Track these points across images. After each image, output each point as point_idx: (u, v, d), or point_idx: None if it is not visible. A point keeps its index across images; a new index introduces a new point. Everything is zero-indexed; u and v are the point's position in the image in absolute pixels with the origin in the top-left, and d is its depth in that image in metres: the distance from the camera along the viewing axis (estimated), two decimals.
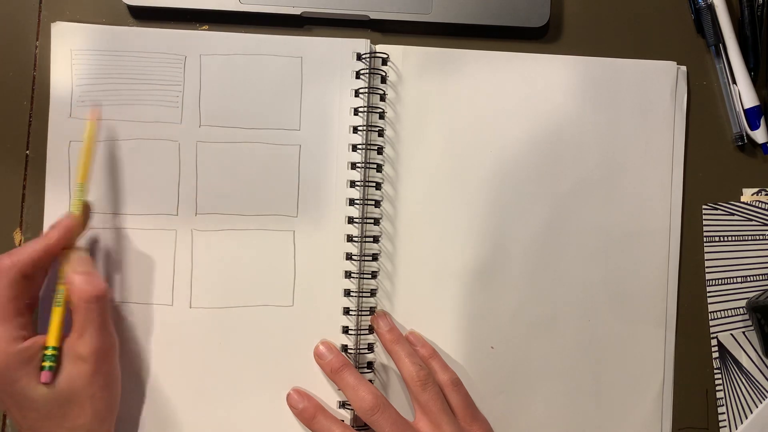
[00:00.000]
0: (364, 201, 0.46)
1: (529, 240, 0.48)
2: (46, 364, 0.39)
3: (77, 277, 0.40)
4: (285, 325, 0.46)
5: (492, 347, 0.47)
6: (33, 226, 0.46)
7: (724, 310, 0.49)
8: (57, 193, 0.46)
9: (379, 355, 0.47)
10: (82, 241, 0.44)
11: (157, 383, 0.45)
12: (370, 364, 0.46)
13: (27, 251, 0.40)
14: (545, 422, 0.47)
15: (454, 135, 0.48)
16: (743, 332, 0.49)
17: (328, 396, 0.46)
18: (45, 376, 0.38)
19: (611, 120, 0.49)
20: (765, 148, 0.49)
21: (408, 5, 0.48)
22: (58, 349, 0.39)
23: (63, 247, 0.41)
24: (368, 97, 0.47)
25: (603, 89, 0.49)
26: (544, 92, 0.48)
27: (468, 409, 0.45)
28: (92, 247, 0.46)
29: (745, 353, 0.49)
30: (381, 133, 0.47)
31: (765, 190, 0.50)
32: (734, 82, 0.49)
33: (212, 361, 0.46)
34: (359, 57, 0.47)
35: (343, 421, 0.44)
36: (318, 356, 0.45)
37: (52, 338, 0.39)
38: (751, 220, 0.49)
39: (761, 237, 0.49)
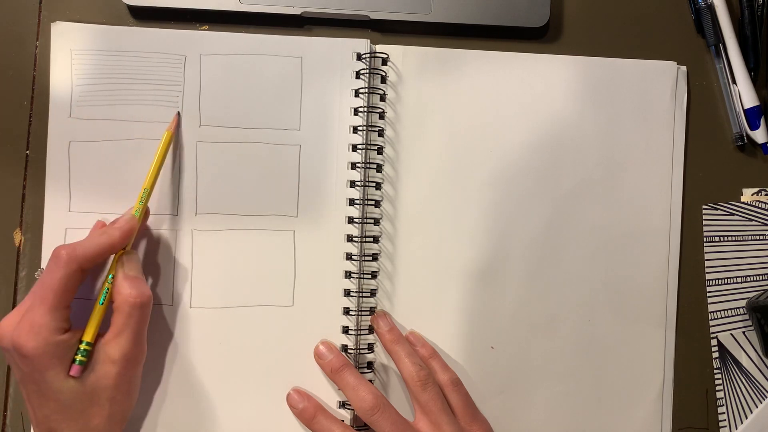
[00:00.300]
0: (364, 201, 0.46)
1: (529, 240, 0.48)
2: (78, 358, 0.39)
3: (126, 281, 0.41)
4: (285, 325, 0.46)
5: (492, 347, 0.47)
6: (33, 226, 0.46)
7: (724, 310, 0.49)
8: (57, 193, 0.46)
9: (379, 355, 0.47)
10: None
11: (157, 383, 0.45)
12: (370, 364, 0.46)
13: (89, 246, 0.40)
14: (545, 422, 0.47)
15: (454, 135, 0.48)
16: (743, 332, 0.49)
17: (328, 396, 0.46)
18: (75, 369, 0.39)
19: (611, 120, 0.49)
20: (765, 148, 0.49)
21: (408, 5, 0.48)
22: (92, 345, 0.40)
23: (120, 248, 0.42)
24: (368, 97, 0.47)
25: (603, 89, 0.49)
26: (544, 92, 0.48)
27: (468, 409, 0.45)
28: None
29: (745, 353, 0.49)
30: (381, 133, 0.47)
31: (765, 190, 0.50)
32: (734, 82, 0.49)
33: (212, 361, 0.46)
34: (359, 57, 0.47)
35: (343, 421, 0.44)
36: (318, 356, 0.45)
37: (89, 334, 0.40)
38: (751, 220, 0.49)
39: (761, 237, 0.49)
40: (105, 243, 0.40)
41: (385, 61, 0.47)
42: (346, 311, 0.46)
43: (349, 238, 0.46)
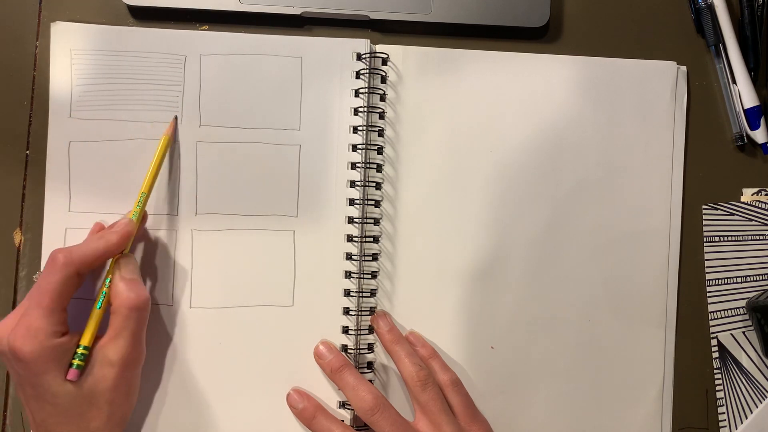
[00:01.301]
0: (364, 201, 0.46)
1: (529, 239, 0.48)
2: (76, 362, 0.39)
3: (123, 284, 0.41)
4: (285, 325, 0.46)
5: (492, 347, 0.47)
6: (33, 226, 0.46)
7: (724, 310, 0.49)
8: (57, 193, 0.46)
9: (379, 355, 0.47)
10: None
11: (158, 383, 0.45)
12: (370, 364, 0.46)
13: (86, 250, 0.40)
14: (545, 422, 0.47)
15: (454, 135, 0.48)
16: (743, 332, 0.49)
17: (328, 396, 0.46)
18: (72, 373, 0.39)
19: (611, 120, 0.49)
20: (765, 148, 0.49)
21: (408, 5, 0.48)
22: (89, 349, 0.40)
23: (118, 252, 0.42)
24: (368, 97, 0.47)
25: (603, 89, 0.49)
26: (544, 92, 0.48)
27: (468, 409, 0.45)
28: None
29: (745, 353, 0.49)
30: (381, 133, 0.47)
31: (765, 190, 0.50)
32: (734, 82, 0.49)
33: (212, 362, 0.46)
34: (359, 57, 0.47)
35: (343, 421, 0.44)
36: (318, 356, 0.45)
37: (86, 338, 0.40)
38: (751, 220, 0.49)
39: (761, 237, 0.49)
40: (102, 247, 0.40)
41: (385, 61, 0.47)
42: (346, 311, 0.46)
43: (349, 238, 0.46)
